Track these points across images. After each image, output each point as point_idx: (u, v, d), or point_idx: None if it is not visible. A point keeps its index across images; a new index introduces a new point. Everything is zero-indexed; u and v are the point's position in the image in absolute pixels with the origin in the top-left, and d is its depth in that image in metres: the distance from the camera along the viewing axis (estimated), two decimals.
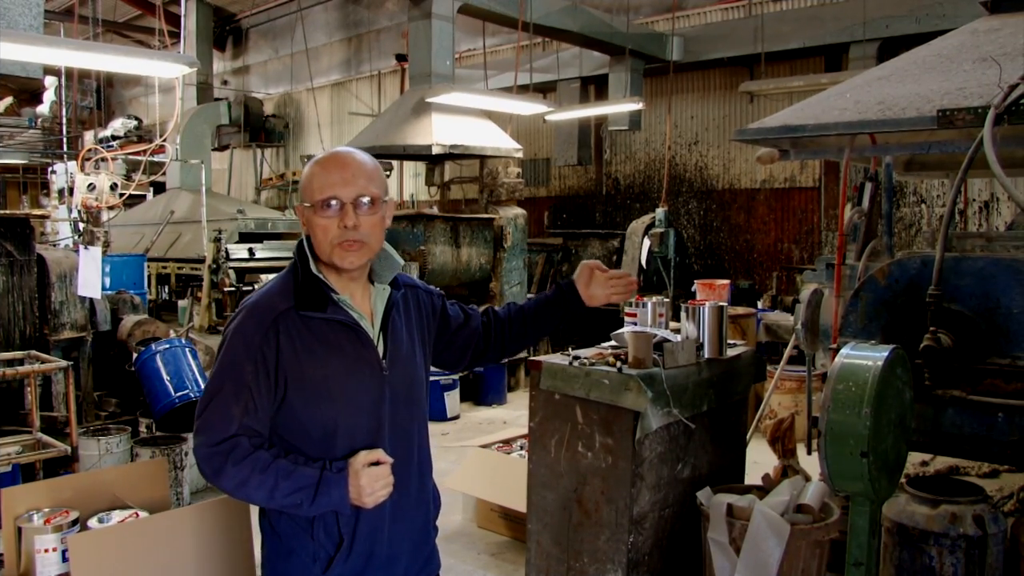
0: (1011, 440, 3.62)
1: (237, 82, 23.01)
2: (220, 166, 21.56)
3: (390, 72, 19.12)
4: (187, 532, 3.34)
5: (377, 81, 19.76)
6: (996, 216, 10.91)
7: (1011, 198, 3.44)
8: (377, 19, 19.54)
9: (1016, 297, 3.60)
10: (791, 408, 7.09)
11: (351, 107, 19.80)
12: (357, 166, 2.30)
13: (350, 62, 20.44)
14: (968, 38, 4.35)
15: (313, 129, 20.43)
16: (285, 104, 22.06)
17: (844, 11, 11.81)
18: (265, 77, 22.65)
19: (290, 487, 2.17)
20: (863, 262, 4.27)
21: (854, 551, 3.00)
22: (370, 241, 2.31)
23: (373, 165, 2.35)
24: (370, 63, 19.82)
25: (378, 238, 2.35)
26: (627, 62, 13.28)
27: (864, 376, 2.88)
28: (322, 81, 20.48)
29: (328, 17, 20.67)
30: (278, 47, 21.86)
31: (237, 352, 2.24)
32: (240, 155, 21.87)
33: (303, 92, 20.86)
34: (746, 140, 4.39)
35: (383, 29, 19.50)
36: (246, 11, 22.16)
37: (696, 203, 14.43)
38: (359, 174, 2.29)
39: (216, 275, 13.74)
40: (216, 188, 19.33)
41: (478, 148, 10.19)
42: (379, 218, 2.33)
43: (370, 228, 2.30)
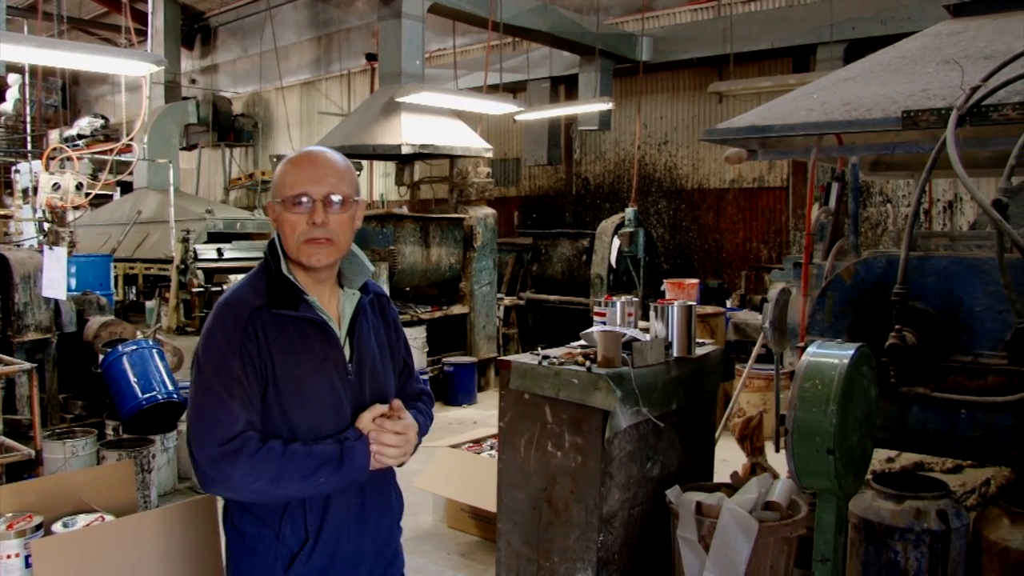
0: (973, 436, 3.67)
1: (206, 81, 22.82)
2: (188, 166, 21.37)
3: (360, 71, 19.05)
4: (154, 535, 3.30)
5: (347, 80, 19.68)
6: (960, 216, 11.06)
7: (973, 198, 3.49)
8: (347, 18, 19.46)
9: (978, 295, 3.65)
10: (759, 406, 7.14)
11: (321, 106, 19.71)
12: (329, 164, 2.31)
13: (320, 61, 20.34)
14: (932, 41, 4.41)
15: (282, 128, 20.32)
16: (254, 103, 21.91)
17: (812, 13, 11.92)
18: (234, 76, 22.49)
19: (315, 463, 2.18)
20: (830, 261, 4.31)
21: (821, 547, 3.03)
22: (338, 240, 2.30)
23: (345, 164, 2.35)
24: (340, 62, 19.74)
25: (347, 238, 2.34)
26: (597, 62, 13.32)
27: (830, 374, 2.91)
28: (291, 80, 20.37)
29: (297, 16, 20.56)
30: (247, 46, 21.71)
31: (221, 348, 2.22)
32: (208, 154, 21.69)
33: (272, 91, 20.74)
34: (714, 140, 4.42)
35: (353, 28, 19.43)
36: (215, 9, 22.00)
37: (666, 203, 14.50)
38: (330, 172, 2.29)
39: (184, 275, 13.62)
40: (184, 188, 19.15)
41: (448, 148, 10.17)
42: (348, 218, 2.32)
43: (339, 227, 2.29)
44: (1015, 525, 3.73)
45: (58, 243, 7.61)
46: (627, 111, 14.34)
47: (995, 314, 3.62)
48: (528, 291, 12.93)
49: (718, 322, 9.29)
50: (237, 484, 2.16)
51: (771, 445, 5.01)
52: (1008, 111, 3.42)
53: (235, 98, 21.64)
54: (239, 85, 22.23)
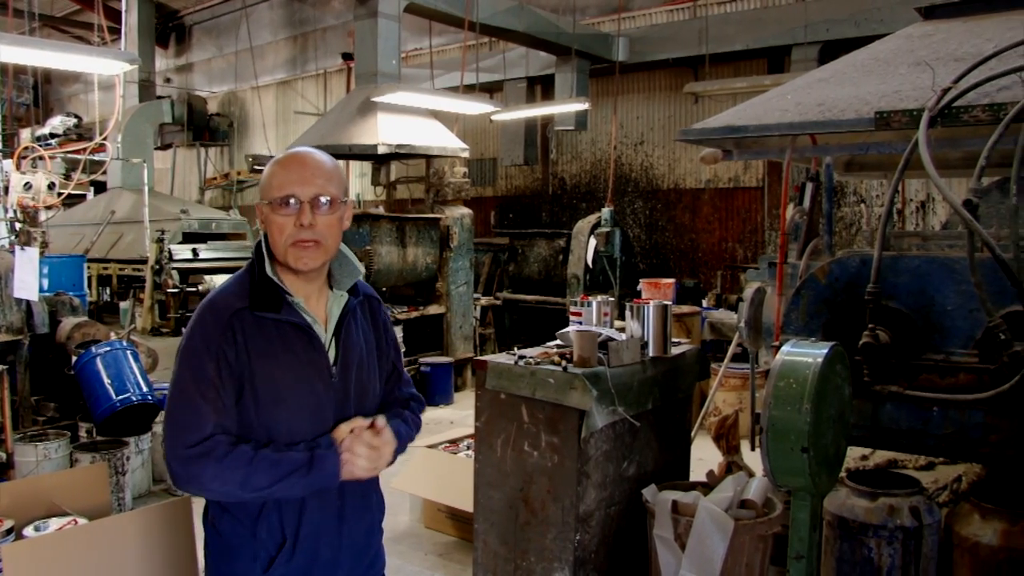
0: (945, 433, 3.71)
1: (180, 80, 22.65)
2: (163, 165, 21.21)
3: (336, 71, 18.98)
4: (128, 538, 3.28)
5: (323, 80, 19.60)
6: (932, 216, 11.16)
7: (944, 198, 3.53)
8: (323, 17, 19.38)
9: (950, 294, 3.69)
10: (735, 405, 7.18)
11: (297, 106, 19.61)
12: (317, 165, 2.29)
13: (296, 60, 20.24)
14: (904, 43, 4.45)
15: (258, 128, 20.20)
16: (229, 103, 21.77)
17: (787, 14, 12.00)
18: (209, 75, 22.33)
19: (284, 471, 2.17)
20: (804, 261, 4.34)
21: (795, 544, 3.06)
22: (326, 242, 2.29)
23: (333, 165, 2.34)
24: (316, 62, 19.65)
25: (335, 239, 2.33)
26: (573, 62, 13.34)
27: (804, 373, 2.93)
28: (267, 80, 20.25)
29: (273, 15, 20.45)
30: (222, 45, 21.56)
31: (198, 350, 2.22)
32: (183, 154, 21.53)
33: (248, 90, 20.61)
34: (690, 140, 4.44)
35: (329, 28, 19.35)
36: (190, 8, 21.83)
37: (642, 203, 14.54)
38: (318, 173, 2.28)
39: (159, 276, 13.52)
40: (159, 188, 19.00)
41: (424, 148, 10.16)
42: (336, 219, 2.31)
43: (327, 228, 2.27)
44: (986, 521, 3.78)
45: (30, 243, 7.52)
46: (603, 111, 14.37)
47: (966, 313, 3.66)
48: (505, 291, 12.93)
49: (694, 321, 9.33)
50: (206, 485, 2.18)
51: (747, 444, 5.03)
52: (978, 112, 3.46)
53: (210, 97, 21.49)
54: (214, 84, 22.08)
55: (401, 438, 2.45)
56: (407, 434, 2.52)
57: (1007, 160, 3.33)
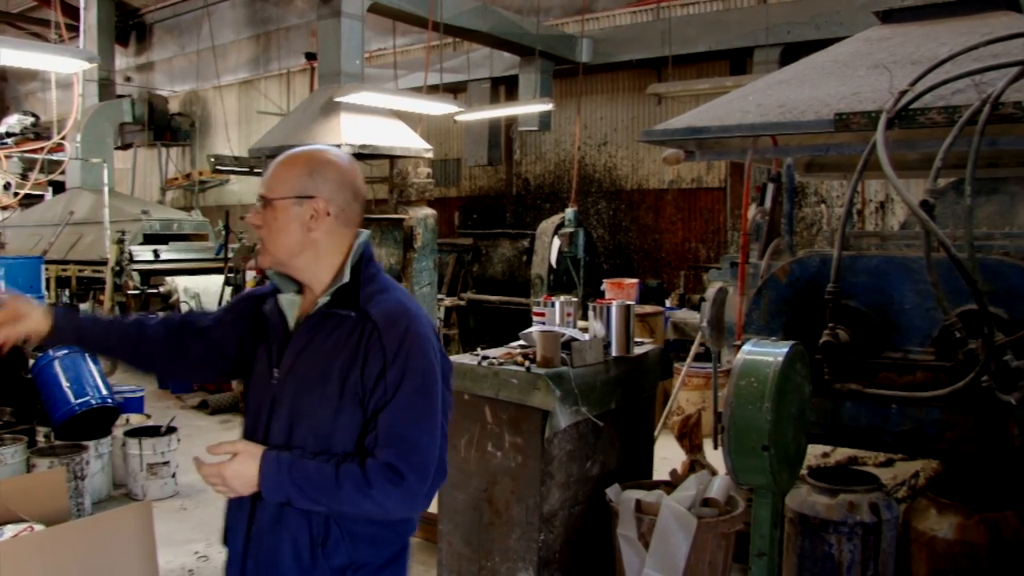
0: (903, 430, 3.77)
1: (141, 79, 22.37)
2: (123, 165, 20.94)
3: (299, 71, 18.85)
4: (88, 544, 3.24)
5: (286, 80, 19.46)
6: (891, 216, 11.31)
7: (902, 199, 3.58)
8: (286, 16, 19.24)
9: (908, 293, 3.74)
10: (698, 404, 7.23)
11: (259, 106, 19.44)
12: (275, 163, 2.21)
13: (258, 60, 20.07)
14: (862, 46, 4.51)
15: (220, 128, 20.01)
16: (191, 102, 21.54)
17: (748, 16, 12.10)
18: (170, 74, 22.08)
19: None
20: (765, 261, 4.38)
21: (757, 542, 3.09)
22: (267, 243, 2.18)
23: (289, 162, 2.18)
24: (279, 61, 19.50)
25: (275, 242, 2.16)
26: (537, 63, 13.36)
27: (765, 372, 2.96)
28: (230, 79, 20.07)
29: (236, 14, 20.26)
30: (184, 43, 21.33)
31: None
32: (144, 154, 21.27)
33: (210, 90, 20.41)
34: (652, 141, 4.46)
35: (292, 27, 19.21)
36: (150, 5, 21.58)
37: (605, 203, 14.60)
38: (269, 172, 2.20)
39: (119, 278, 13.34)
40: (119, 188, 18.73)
41: (387, 148, 10.11)
42: (274, 220, 2.14)
43: (264, 230, 2.17)
44: (942, 515, 3.84)
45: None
46: (567, 112, 14.40)
47: (923, 311, 3.71)
48: (469, 291, 12.90)
49: (657, 321, 9.38)
50: None
51: (710, 443, 5.07)
52: (934, 115, 3.52)
53: (172, 97, 21.25)
54: (176, 83, 21.83)
55: (292, 484, 2.01)
56: (312, 487, 2.01)
57: (963, 162, 3.38)
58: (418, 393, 2.04)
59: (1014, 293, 3.51)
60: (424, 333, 2.10)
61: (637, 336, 4.89)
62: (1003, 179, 5.57)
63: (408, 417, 2.03)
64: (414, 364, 2.05)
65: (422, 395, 2.05)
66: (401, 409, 2.02)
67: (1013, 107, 3.34)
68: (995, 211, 5.65)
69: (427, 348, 2.08)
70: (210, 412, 9.15)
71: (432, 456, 2.04)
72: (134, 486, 6.48)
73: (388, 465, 1.98)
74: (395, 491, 1.99)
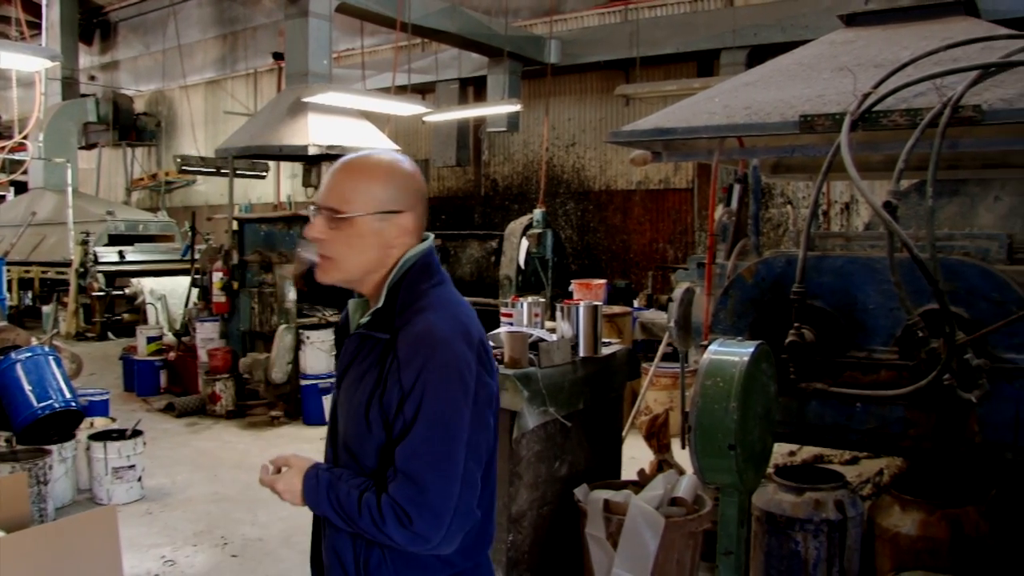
0: (868, 428, 3.82)
1: (106, 78, 22.14)
2: (88, 165, 20.72)
3: (267, 71, 18.74)
4: (50, 550, 3.20)
5: (253, 80, 19.34)
6: (856, 217, 11.45)
7: (865, 200, 3.62)
8: (253, 16, 19.12)
9: (872, 293, 3.79)
10: (666, 404, 7.27)
11: (226, 106, 19.31)
12: (333, 171, 2.07)
13: (225, 59, 19.93)
14: (827, 49, 4.55)
15: (187, 128, 19.86)
16: (157, 102, 21.35)
17: (716, 19, 12.20)
18: (136, 73, 21.86)
19: None
20: (732, 261, 4.41)
21: (724, 540, 3.11)
22: (335, 257, 2.06)
23: (349, 171, 2.06)
24: (246, 61, 19.38)
25: (351, 260, 2.06)
26: (505, 64, 13.38)
27: (731, 372, 2.98)
28: (196, 79, 19.91)
29: (202, 13, 20.11)
30: (149, 42, 21.14)
31: None
32: (109, 154, 21.06)
33: (176, 90, 20.25)
34: (620, 142, 4.48)
35: (259, 26, 19.10)
36: (115, 3, 21.38)
37: (573, 204, 14.64)
38: (328, 181, 2.06)
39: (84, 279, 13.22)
40: (83, 188, 18.56)
41: (355, 149, 10.06)
42: (354, 237, 2.03)
43: (329, 243, 2.04)
44: (905, 512, 3.89)
45: None
46: (535, 113, 14.43)
47: (887, 311, 3.76)
48: None
49: (625, 322, 9.41)
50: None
51: (677, 442, 5.10)
52: (896, 117, 3.56)
53: (137, 96, 21.05)
54: (141, 83, 21.62)
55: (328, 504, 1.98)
56: (343, 510, 1.96)
57: (924, 163, 3.43)
58: (436, 430, 1.90)
59: (974, 293, 3.56)
60: (451, 362, 1.93)
61: (605, 336, 4.91)
62: (964, 181, 5.66)
63: (421, 457, 1.89)
64: (432, 399, 1.90)
65: (440, 433, 1.91)
66: (415, 448, 1.90)
67: (972, 110, 3.40)
68: (956, 212, 5.74)
69: (452, 380, 1.93)
70: (177, 415, 9.07)
71: (446, 500, 1.90)
72: (99, 490, 6.41)
73: (399, 505, 1.88)
74: (404, 532, 1.89)
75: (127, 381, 10.48)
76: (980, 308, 3.55)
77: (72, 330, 13.41)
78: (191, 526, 5.85)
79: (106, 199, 19.18)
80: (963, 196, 5.74)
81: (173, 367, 10.17)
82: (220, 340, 9.44)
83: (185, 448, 7.88)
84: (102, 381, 10.12)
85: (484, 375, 2.01)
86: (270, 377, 8.62)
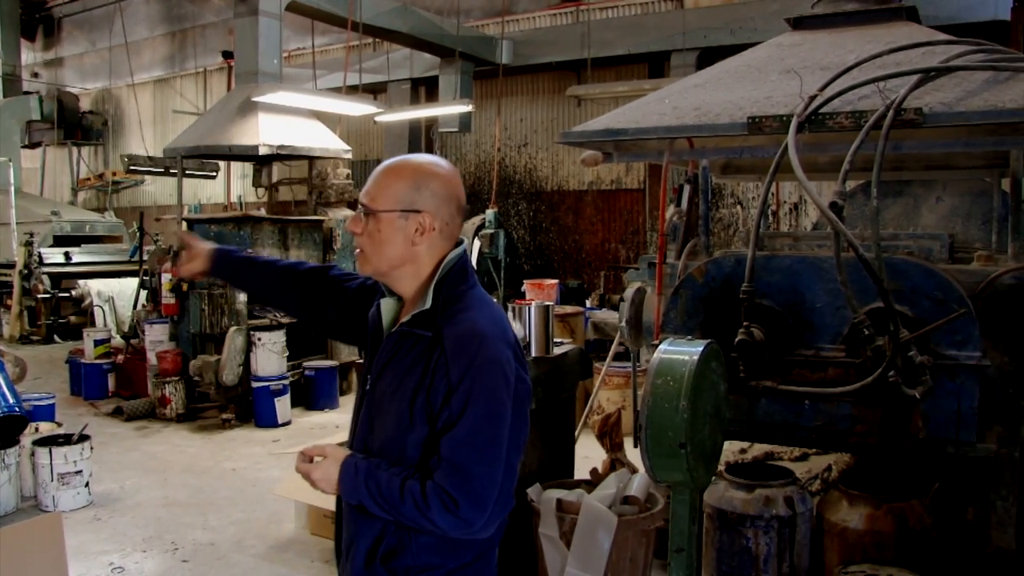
0: (816, 425, 3.88)
1: (50, 75, 21.72)
2: (31, 165, 20.31)
3: (216, 69, 18.52)
4: None
5: (203, 78, 19.10)
6: (805, 217, 11.63)
7: (812, 200, 3.69)
8: (202, 14, 18.88)
9: (819, 292, 3.85)
10: (618, 403, 7.31)
11: (175, 105, 19.05)
12: (378, 172, 2.23)
13: (174, 58, 19.66)
14: (775, 51, 4.62)
15: (135, 127, 19.55)
16: (104, 100, 20.99)
17: (666, 21, 12.31)
18: (81, 71, 21.47)
19: None
20: (682, 261, 4.46)
21: (675, 538, 3.14)
22: (369, 253, 2.19)
23: (390, 172, 2.20)
24: (195, 59, 19.14)
25: (378, 253, 2.16)
26: (457, 64, 13.37)
27: (680, 371, 3.01)
28: (144, 77, 19.61)
29: (150, 9, 19.81)
30: (95, 39, 20.77)
31: None
32: (54, 153, 20.66)
33: (123, 88, 19.92)
34: (571, 143, 4.50)
35: (209, 24, 18.87)
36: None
37: (526, 204, 14.68)
38: (371, 180, 2.22)
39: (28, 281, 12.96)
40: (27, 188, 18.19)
41: (306, 149, 10.00)
42: (379, 232, 2.14)
43: (365, 238, 2.18)
44: (853, 507, 3.97)
45: None
46: (487, 113, 14.45)
47: (834, 310, 3.83)
48: None
49: (577, 322, 9.46)
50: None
51: (630, 441, 5.13)
52: (842, 119, 3.63)
53: (83, 94, 20.67)
54: (87, 81, 21.24)
55: (366, 492, 2.04)
56: (382, 497, 2.03)
57: (869, 165, 3.50)
58: (482, 422, 2.01)
59: (918, 291, 3.64)
60: (496, 358, 2.05)
61: (557, 336, 4.93)
62: (907, 182, 5.78)
63: (469, 446, 2.00)
64: (479, 392, 2.01)
65: (486, 424, 2.01)
66: (463, 438, 2.00)
67: (914, 113, 3.47)
68: (900, 212, 5.86)
69: (496, 375, 2.04)
70: (125, 419, 8.92)
71: (491, 487, 2.01)
72: (44, 497, 6.28)
73: (445, 491, 1.97)
74: (450, 517, 1.98)
75: (74, 385, 10.28)
76: (923, 306, 3.62)
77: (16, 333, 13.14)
78: (140, 532, 5.76)
79: (51, 199, 18.83)
80: (907, 197, 5.86)
81: (122, 370, 10.00)
82: (170, 342, 9.31)
83: (134, 452, 7.76)
84: (48, 385, 9.93)
85: (521, 371, 2.14)
86: (221, 379, 8.52)
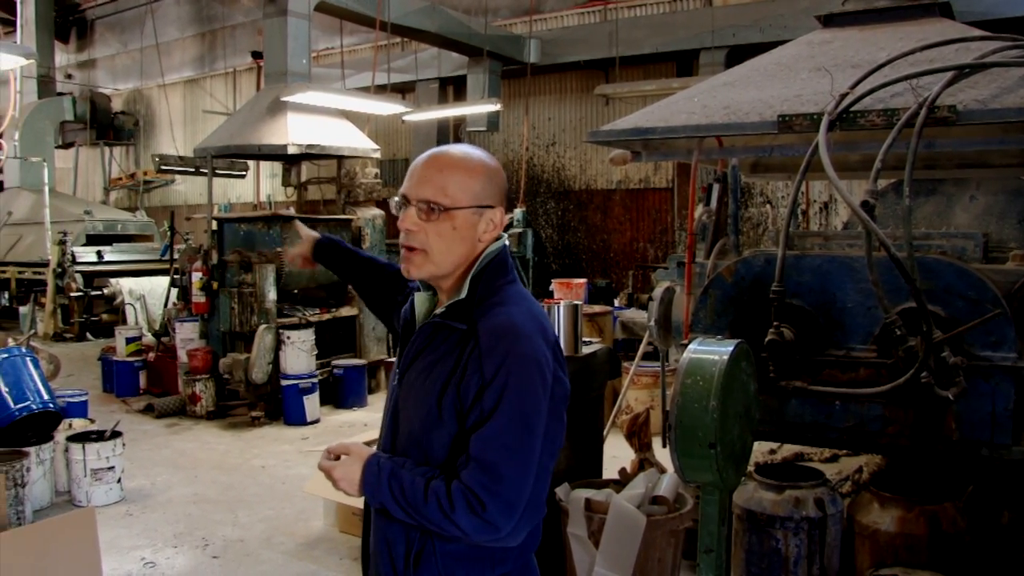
0: (847, 426, 3.85)
1: (83, 76, 21.97)
2: (65, 165, 20.55)
3: (246, 69, 18.66)
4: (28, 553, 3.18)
5: (232, 79, 19.24)
6: (835, 216, 11.53)
7: (843, 199, 3.65)
8: (232, 15, 19.02)
9: (850, 292, 3.82)
10: (647, 403, 7.29)
11: (205, 105, 19.21)
12: (432, 164, 2.05)
13: (204, 58, 19.83)
14: (805, 49, 4.59)
15: (165, 127, 19.75)
16: (135, 101, 21.20)
17: (694, 19, 12.25)
18: (113, 72, 21.71)
19: None
20: (712, 260, 4.43)
21: (705, 538, 3.12)
22: (435, 253, 2.03)
23: (450, 165, 2.04)
24: (225, 60, 19.28)
25: (447, 252, 2.03)
26: (485, 63, 13.38)
27: (710, 371, 3.00)
28: (174, 77, 19.79)
29: (180, 11, 19.99)
30: (127, 40, 20.99)
31: None
32: (87, 153, 20.89)
33: (154, 88, 20.10)
34: (599, 142, 4.49)
35: (238, 25, 19.01)
36: (91, 1, 21.21)
37: (554, 203, 14.66)
38: (426, 174, 2.04)
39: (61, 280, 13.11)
40: (60, 188, 18.42)
41: (335, 148, 10.05)
42: (453, 230, 2.02)
43: (426, 236, 2.02)
44: (884, 509, 3.93)
45: None
46: (515, 112, 14.45)
47: (865, 310, 3.79)
48: None
49: (606, 321, 9.44)
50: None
51: (659, 441, 5.11)
52: (873, 117, 3.59)
53: (115, 95, 20.89)
54: (119, 81, 21.47)
55: (388, 492, 1.94)
56: (405, 498, 1.92)
57: (901, 163, 3.46)
58: (516, 421, 1.90)
59: (951, 291, 3.60)
60: (534, 355, 1.94)
61: (586, 335, 4.92)
62: (940, 180, 5.71)
63: (499, 446, 1.88)
64: (514, 389, 1.90)
65: (520, 424, 1.90)
66: (493, 437, 1.88)
67: (948, 110, 3.43)
68: (933, 211, 5.79)
69: (532, 372, 1.93)
70: (156, 416, 9.01)
71: (521, 490, 1.90)
72: (78, 492, 6.36)
73: (472, 492, 1.86)
74: (475, 519, 1.86)
75: (106, 382, 10.40)
76: (957, 306, 3.58)
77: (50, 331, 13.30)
78: (171, 528, 5.82)
79: (84, 199, 19.04)
80: (940, 195, 5.79)
81: (153, 368, 10.10)
82: (200, 340, 9.39)
83: (165, 449, 7.84)
84: (80, 382, 10.04)
85: (559, 370, 2.03)
86: (250, 377, 8.58)
